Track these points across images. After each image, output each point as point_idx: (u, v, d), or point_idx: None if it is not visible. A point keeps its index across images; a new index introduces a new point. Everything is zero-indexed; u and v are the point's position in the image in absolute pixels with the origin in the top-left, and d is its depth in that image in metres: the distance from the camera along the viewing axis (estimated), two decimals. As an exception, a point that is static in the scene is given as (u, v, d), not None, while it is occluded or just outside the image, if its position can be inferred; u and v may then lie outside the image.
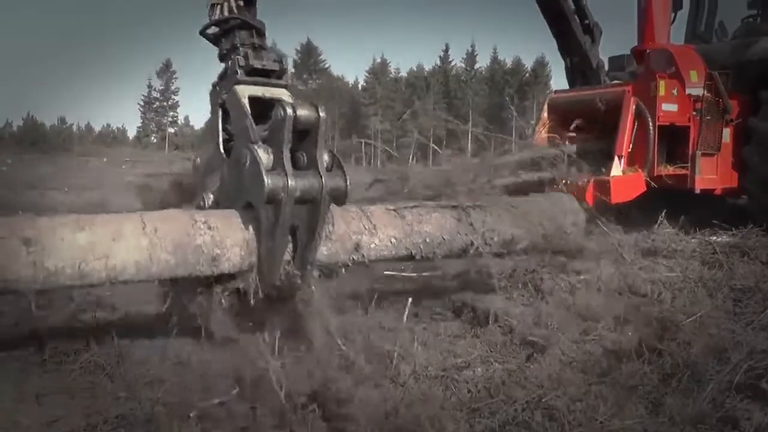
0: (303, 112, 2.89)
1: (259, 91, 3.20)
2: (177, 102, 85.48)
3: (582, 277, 4.37)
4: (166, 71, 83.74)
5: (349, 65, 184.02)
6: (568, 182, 6.31)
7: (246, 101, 3.12)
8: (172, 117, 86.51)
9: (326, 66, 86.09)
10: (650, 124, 6.63)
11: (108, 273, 2.65)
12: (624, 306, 3.95)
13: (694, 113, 6.89)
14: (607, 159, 6.64)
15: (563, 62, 8.03)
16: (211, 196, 3.26)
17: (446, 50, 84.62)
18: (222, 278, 2.96)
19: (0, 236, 2.50)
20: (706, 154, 6.98)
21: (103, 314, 3.85)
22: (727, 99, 6.95)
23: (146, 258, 2.71)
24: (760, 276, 4.63)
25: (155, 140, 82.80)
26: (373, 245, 3.30)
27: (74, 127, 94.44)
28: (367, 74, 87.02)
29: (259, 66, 3.24)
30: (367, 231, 3.28)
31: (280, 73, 3.31)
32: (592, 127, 6.99)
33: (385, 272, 4.68)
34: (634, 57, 8.02)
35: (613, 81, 7.77)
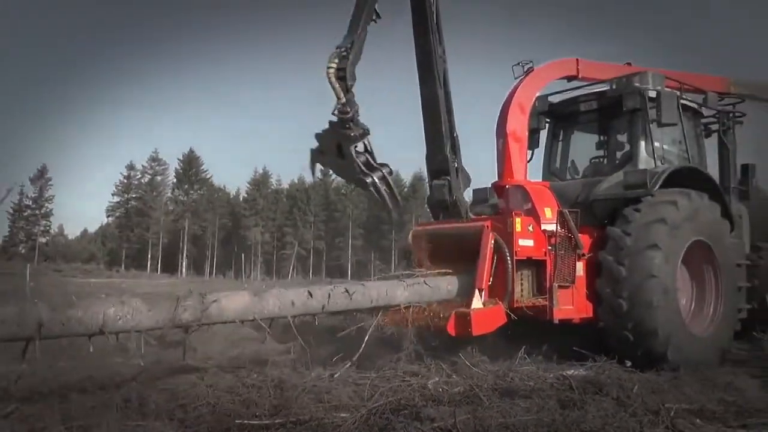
0: None
1: None
2: (51, 210, 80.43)
3: (436, 424, 4.25)
4: (40, 177, 79.08)
5: (231, 176, 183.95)
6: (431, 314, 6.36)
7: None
8: (45, 226, 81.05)
9: (208, 176, 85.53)
10: (508, 258, 6.88)
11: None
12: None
13: (550, 248, 7.23)
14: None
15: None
16: None
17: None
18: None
19: None
20: (562, 287, 7.28)
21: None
22: (578, 235, 7.36)
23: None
24: (610, 417, 4.69)
25: (23, 250, 76.58)
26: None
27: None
28: (248, 185, 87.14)
29: None
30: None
31: None
32: (453, 259, 7.12)
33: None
34: (494, 191, 8.45)
35: (476, 213, 8.04)
